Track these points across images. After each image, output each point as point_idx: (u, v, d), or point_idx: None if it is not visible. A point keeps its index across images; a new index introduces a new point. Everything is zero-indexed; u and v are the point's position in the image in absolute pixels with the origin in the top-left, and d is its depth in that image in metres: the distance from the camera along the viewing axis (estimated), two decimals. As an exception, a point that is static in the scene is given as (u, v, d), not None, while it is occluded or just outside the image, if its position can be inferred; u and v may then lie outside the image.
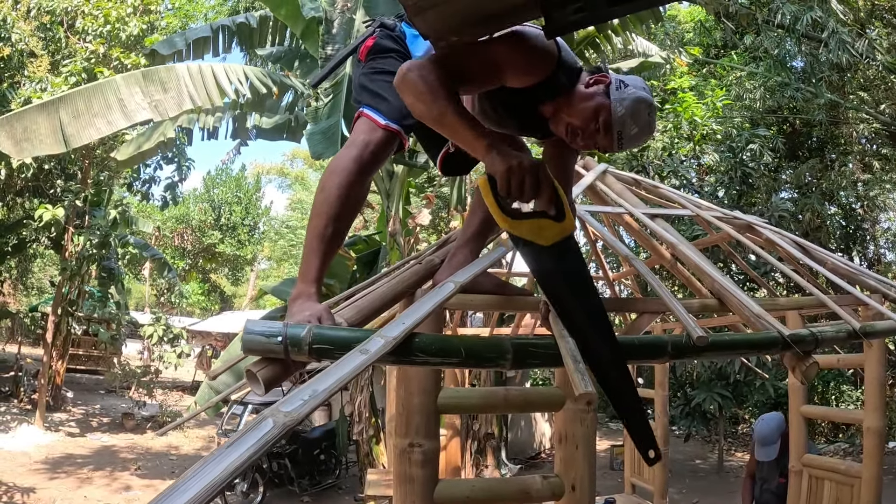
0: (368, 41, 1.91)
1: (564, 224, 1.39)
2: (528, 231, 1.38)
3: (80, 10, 11.20)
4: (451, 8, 1.52)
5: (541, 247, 1.39)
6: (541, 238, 1.38)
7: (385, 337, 1.26)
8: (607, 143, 1.67)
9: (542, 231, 1.38)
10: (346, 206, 1.65)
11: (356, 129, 1.77)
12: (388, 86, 1.77)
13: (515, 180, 1.36)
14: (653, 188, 3.58)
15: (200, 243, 28.53)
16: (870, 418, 3.37)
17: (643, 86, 1.72)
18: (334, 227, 1.64)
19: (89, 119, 6.31)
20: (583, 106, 1.68)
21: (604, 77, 1.71)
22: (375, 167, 1.78)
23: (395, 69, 1.80)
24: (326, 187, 1.65)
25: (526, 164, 1.36)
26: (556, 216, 1.39)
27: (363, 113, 1.78)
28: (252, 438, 1.08)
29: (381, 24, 1.95)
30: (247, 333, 1.38)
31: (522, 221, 1.39)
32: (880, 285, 3.27)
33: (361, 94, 1.83)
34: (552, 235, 1.39)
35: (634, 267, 2.17)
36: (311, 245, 1.63)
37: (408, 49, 1.91)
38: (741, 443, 12.49)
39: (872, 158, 12.02)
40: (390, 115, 1.75)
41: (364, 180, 1.71)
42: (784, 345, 1.93)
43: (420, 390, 1.80)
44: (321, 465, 9.48)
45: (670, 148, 9.84)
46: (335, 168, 1.67)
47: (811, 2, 8.34)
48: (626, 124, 1.65)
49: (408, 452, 1.84)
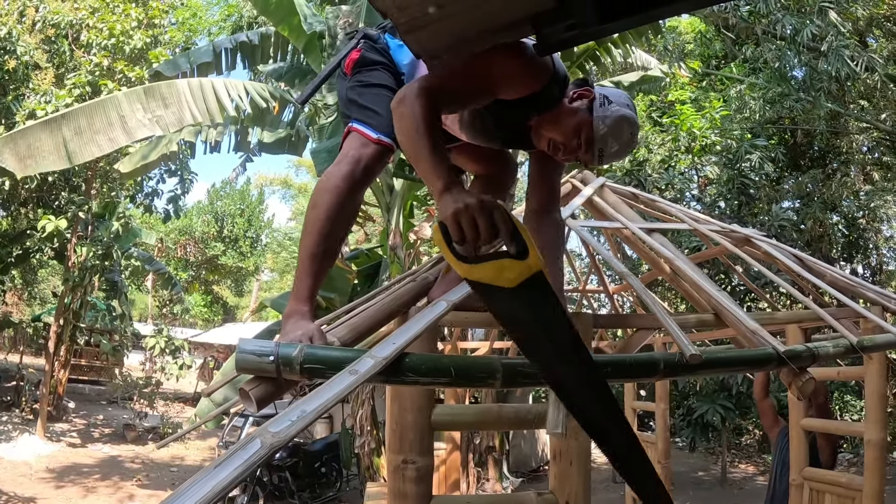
0: (353, 54, 1.89)
1: (528, 261, 1.22)
2: (487, 274, 1.23)
3: (84, 23, 11.30)
4: (443, 27, 1.53)
5: (504, 290, 1.23)
6: (502, 280, 1.23)
7: (375, 357, 1.26)
8: (588, 158, 1.69)
9: (503, 272, 1.23)
10: (338, 224, 1.66)
11: (347, 145, 1.76)
12: (377, 98, 1.78)
13: (466, 222, 1.25)
14: (650, 202, 3.58)
15: (203, 255, 28.58)
16: (871, 431, 3.36)
17: (627, 102, 1.73)
18: (326, 245, 1.64)
19: (91, 136, 6.37)
20: (566, 121, 1.69)
21: (588, 91, 1.72)
22: (368, 182, 1.78)
23: (383, 81, 1.82)
24: (318, 204, 1.65)
25: (475, 204, 1.26)
26: (517, 255, 1.23)
27: (353, 128, 1.77)
28: (240, 459, 1.09)
29: (364, 36, 1.93)
30: (239, 352, 1.40)
31: (480, 265, 1.23)
32: (880, 297, 3.26)
33: (350, 108, 1.82)
34: (515, 276, 1.23)
35: (629, 283, 2.17)
36: (304, 263, 1.63)
37: (393, 60, 1.90)
38: (745, 454, 12.42)
39: (874, 168, 12.03)
40: (381, 128, 1.74)
41: (356, 197, 1.71)
42: (779, 361, 1.93)
43: (413, 407, 1.81)
44: (322, 478, 9.45)
45: (669, 161, 9.85)
46: (326, 186, 1.67)
47: (811, 14, 8.36)
48: (607, 142, 1.67)
49: (401, 469, 1.84)
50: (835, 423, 4.29)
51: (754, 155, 9.06)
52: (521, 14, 1.54)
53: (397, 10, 1.49)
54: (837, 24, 8.21)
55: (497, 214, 1.25)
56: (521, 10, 1.53)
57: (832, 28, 8.22)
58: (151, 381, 14.82)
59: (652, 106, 10.96)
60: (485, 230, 1.25)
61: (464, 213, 1.26)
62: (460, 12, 1.51)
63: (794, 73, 10.06)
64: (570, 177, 3.45)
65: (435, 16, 1.48)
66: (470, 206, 1.26)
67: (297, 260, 1.69)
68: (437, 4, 1.46)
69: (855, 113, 10.93)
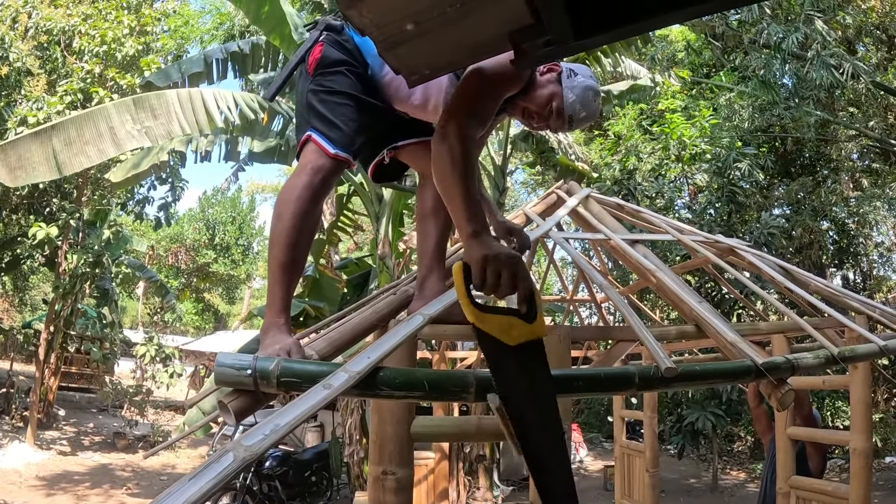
0: (316, 51, 1.87)
1: (534, 327, 1.28)
2: (495, 327, 1.26)
3: (77, 29, 11.28)
4: (421, 43, 1.55)
5: (505, 346, 1.27)
6: (507, 336, 1.26)
7: (349, 371, 1.28)
8: (559, 125, 1.87)
9: (510, 330, 1.27)
10: (303, 233, 1.68)
11: (306, 155, 1.77)
12: (338, 108, 1.80)
13: (492, 271, 1.31)
14: (635, 212, 3.60)
15: (195, 262, 28.49)
16: (856, 440, 3.38)
17: (590, 74, 1.90)
18: (293, 254, 1.67)
19: (81, 147, 6.38)
20: (539, 93, 1.84)
21: (556, 66, 1.86)
22: (327, 192, 1.81)
23: (345, 88, 1.83)
24: (283, 215, 1.67)
25: (503, 256, 1.32)
26: (526, 317, 1.28)
27: (312, 138, 1.78)
28: (212, 472, 1.10)
29: (327, 27, 1.91)
30: (218, 366, 1.42)
31: (491, 315, 1.27)
32: (865, 307, 3.29)
33: (310, 116, 1.82)
34: (519, 336, 1.27)
35: (608, 295, 2.19)
36: (274, 275, 1.66)
37: (360, 52, 1.89)
38: (736, 461, 12.44)
39: (863, 175, 12.13)
40: (340, 142, 1.76)
41: (317, 206, 1.74)
42: (758, 373, 1.94)
43: (393, 419, 1.82)
44: (312, 487, 9.40)
45: (659, 169, 9.89)
46: (289, 197, 1.69)
47: (797, 22, 8.43)
48: (576, 109, 1.84)
49: (381, 480, 1.85)
50: (821, 431, 4.31)
51: (744, 163, 9.10)
52: (499, 30, 1.56)
53: (375, 28, 1.51)
54: (823, 33, 8.27)
55: (521, 272, 1.32)
56: (499, 27, 1.55)
57: (818, 36, 8.29)
58: (142, 389, 14.76)
59: (642, 114, 11.02)
60: (507, 284, 1.31)
61: (492, 261, 1.32)
62: (438, 28, 1.53)
63: (783, 82, 10.14)
64: (556, 187, 3.47)
65: (413, 32, 1.50)
66: (500, 257, 1.32)
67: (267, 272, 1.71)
68: (415, 21, 1.47)
69: (844, 120, 11.02)
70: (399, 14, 1.40)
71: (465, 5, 1.41)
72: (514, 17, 1.53)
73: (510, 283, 1.31)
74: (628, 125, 10.58)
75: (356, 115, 1.82)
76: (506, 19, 1.55)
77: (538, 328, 1.28)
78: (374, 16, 1.43)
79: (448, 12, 1.46)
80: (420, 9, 1.39)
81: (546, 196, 3.47)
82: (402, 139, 2.06)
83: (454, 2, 1.43)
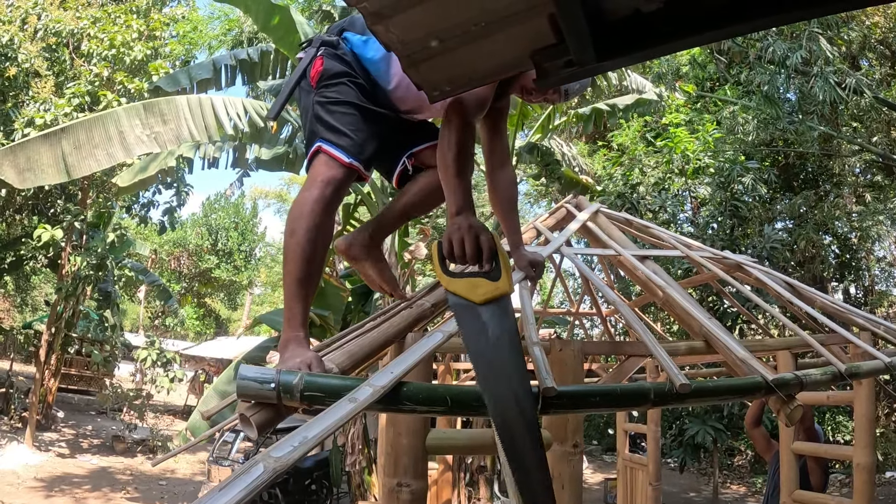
0: (317, 64, 1.88)
1: (499, 284, 1.42)
2: (462, 287, 1.42)
3: (86, 32, 11.33)
4: (445, 60, 1.58)
5: (472, 303, 1.41)
6: (473, 295, 1.41)
7: (373, 386, 1.30)
8: (555, 98, 1.97)
9: (476, 288, 1.42)
10: (318, 247, 1.69)
11: (317, 167, 1.77)
12: (346, 118, 1.81)
13: (456, 241, 1.49)
14: (643, 227, 3.63)
15: (197, 267, 28.49)
16: (859, 455, 3.39)
17: None
18: (309, 268, 1.68)
19: (90, 150, 6.41)
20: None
21: None
22: (338, 203, 1.83)
23: (350, 98, 1.85)
24: (296, 231, 1.67)
25: (466, 226, 1.50)
26: (492, 276, 1.43)
27: (323, 149, 1.78)
28: (242, 483, 1.12)
29: (323, 43, 1.92)
30: (240, 379, 1.43)
31: (459, 279, 1.44)
32: (870, 323, 3.31)
33: (318, 127, 1.82)
34: (484, 293, 1.41)
35: (621, 312, 2.21)
36: (291, 290, 1.66)
37: (359, 63, 1.90)
38: (737, 475, 12.41)
39: (865, 190, 12.15)
40: (352, 151, 1.77)
41: (330, 218, 1.74)
42: (768, 389, 1.96)
43: (408, 432, 1.84)
44: (312, 496, 9.37)
45: (662, 183, 9.92)
46: (301, 212, 1.69)
47: (801, 39, 8.48)
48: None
49: (396, 492, 1.86)
50: (824, 446, 4.32)
51: (747, 177, 9.13)
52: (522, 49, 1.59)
53: (400, 44, 1.54)
54: (826, 50, 8.33)
55: (483, 238, 1.49)
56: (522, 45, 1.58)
57: (822, 53, 8.34)
58: (142, 392, 14.74)
59: (646, 127, 11.06)
60: (470, 249, 1.48)
61: (456, 233, 1.50)
62: (461, 46, 1.56)
63: (787, 97, 10.19)
64: (566, 202, 3.50)
65: (437, 49, 1.53)
66: (462, 227, 1.50)
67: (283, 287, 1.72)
68: (439, 38, 1.50)
69: (847, 136, 11.06)
70: (424, 31, 1.43)
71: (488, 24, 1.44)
72: (537, 35, 1.56)
73: (474, 249, 1.48)
74: (632, 137, 10.62)
75: (363, 125, 1.83)
76: (528, 38, 1.57)
77: (502, 285, 1.42)
78: (399, 32, 1.46)
79: (472, 30, 1.49)
80: (445, 26, 1.42)
81: (555, 210, 3.50)
82: (418, 144, 2.09)
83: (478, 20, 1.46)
